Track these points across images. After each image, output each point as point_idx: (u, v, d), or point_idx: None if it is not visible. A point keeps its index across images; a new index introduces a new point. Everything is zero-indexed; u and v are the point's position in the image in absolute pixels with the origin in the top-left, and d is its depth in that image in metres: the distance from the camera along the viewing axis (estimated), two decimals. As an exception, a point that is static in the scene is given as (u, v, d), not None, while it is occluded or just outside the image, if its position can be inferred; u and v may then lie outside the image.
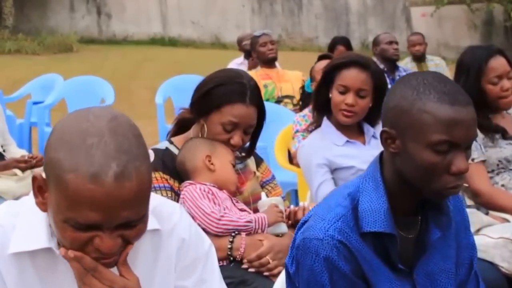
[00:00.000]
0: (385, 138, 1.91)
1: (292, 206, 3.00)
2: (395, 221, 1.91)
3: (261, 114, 3.01)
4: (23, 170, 4.51)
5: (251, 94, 2.94)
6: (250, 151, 3.14)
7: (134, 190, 1.52)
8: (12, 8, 17.50)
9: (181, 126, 3.12)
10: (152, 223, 1.73)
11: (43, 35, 16.80)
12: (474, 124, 1.86)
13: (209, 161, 2.87)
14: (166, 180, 2.86)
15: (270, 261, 2.75)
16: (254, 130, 3.05)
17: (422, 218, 2.00)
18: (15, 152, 4.79)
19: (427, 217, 1.99)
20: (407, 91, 1.87)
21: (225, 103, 2.90)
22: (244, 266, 2.74)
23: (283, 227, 2.87)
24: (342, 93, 3.38)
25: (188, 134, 3.04)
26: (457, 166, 1.83)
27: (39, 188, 1.61)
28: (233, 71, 3.15)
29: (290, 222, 2.95)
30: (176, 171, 2.90)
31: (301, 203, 3.05)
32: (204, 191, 2.79)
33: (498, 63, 3.53)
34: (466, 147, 1.86)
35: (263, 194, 2.99)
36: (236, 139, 2.91)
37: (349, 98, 3.38)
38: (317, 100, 3.54)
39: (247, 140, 3.00)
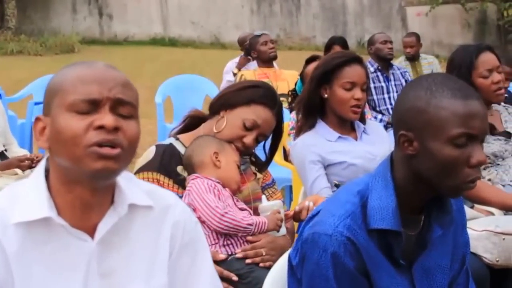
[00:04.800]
0: (402, 142, 1.92)
1: (297, 207, 3.01)
2: (401, 219, 1.94)
3: (277, 133, 3.13)
4: (24, 169, 4.50)
5: (279, 108, 3.04)
6: (265, 166, 3.21)
7: (122, 75, 1.76)
8: (15, 9, 17.44)
9: (188, 125, 3.15)
10: (145, 200, 1.82)
11: (45, 36, 16.75)
12: (487, 116, 1.91)
13: (216, 157, 2.89)
14: (158, 181, 2.88)
15: (264, 253, 2.79)
16: (271, 146, 3.16)
17: (425, 216, 2.03)
18: (17, 151, 4.80)
19: (430, 216, 2.03)
20: (420, 92, 1.90)
21: (255, 102, 2.98)
22: (239, 255, 2.78)
23: (281, 230, 2.92)
24: (349, 89, 3.41)
25: (197, 132, 3.06)
26: (477, 157, 1.86)
27: (41, 130, 1.73)
28: (271, 86, 3.27)
29: (291, 222, 3.01)
30: (173, 171, 2.93)
31: (306, 202, 3.04)
32: (211, 186, 2.81)
33: (487, 57, 3.61)
34: (481, 140, 1.89)
35: (263, 198, 3.02)
36: (249, 138, 2.96)
37: (358, 93, 3.41)
38: (311, 102, 3.52)
39: (255, 147, 3.05)
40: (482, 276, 3.09)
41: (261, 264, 2.77)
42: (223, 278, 2.68)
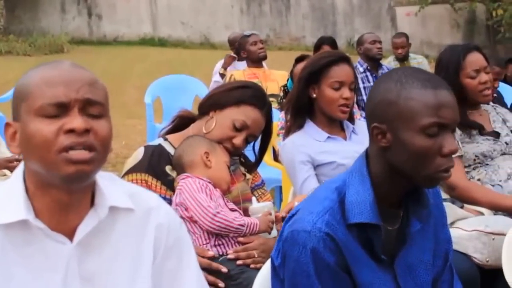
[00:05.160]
0: (375, 134, 1.94)
1: (284, 211, 3.01)
2: (380, 214, 1.94)
3: (267, 134, 3.13)
4: (12, 170, 4.24)
5: (268, 108, 3.05)
6: (255, 166, 3.21)
7: (89, 74, 1.72)
8: (3, 9, 17.34)
9: (177, 125, 3.14)
10: (126, 202, 1.80)
11: (34, 36, 16.66)
12: (457, 106, 1.92)
13: (207, 157, 2.89)
14: (146, 182, 2.87)
15: (256, 255, 2.79)
16: (261, 146, 3.16)
17: (403, 210, 2.04)
18: (5, 152, 4.75)
19: (408, 210, 2.04)
20: (391, 84, 1.92)
21: (245, 102, 2.98)
22: (230, 256, 2.78)
23: (273, 232, 2.92)
24: (337, 89, 3.41)
25: (186, 132, 3.06)
26: (449, 147, 1.88)
27: (12, 135, 1.70)
28: (261, 86, 3.27)
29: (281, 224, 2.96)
30: (162, 171, 2.93)
31: (296, 203, 2.98)
32: (203, 185, 2.81)
33: (475, 58, 3.60)
34: (452, 129, 1.91)
35: (254, 200, 3.02)
36: (239, 139, 2.96)
37: (346, 92, 3.42)
38: (299, 102, 3.53)
39: (244, 148, 3.05)
40: (472, 276, 3.10)
41: (252, 266, 2.78)
42: (212, 272, 2.72)
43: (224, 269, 2.74)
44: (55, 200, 1.70)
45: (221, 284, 2.72)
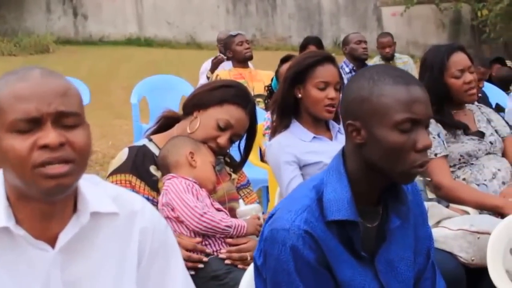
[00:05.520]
0: (350, 131, 1.96)
1: (262, 216, 3.01)
2: (358, 211, 1.96)
3: (251, 132, 3.13)
4: None
5: (251, 107, 3.06)
6: (240, 165, 3.23)
7: (60, 83, 1.66)
8: (-12, 9, 17.44)
9: (162, 125, 3.15)
10: (110, 207, 1.78)
11: (19, 36, 16.51)
12: (429, 102, 1.94)
13: (192, 157, 2.90)
14: (130, 182, 2.87)
15: (249, 257, 2.78)
16: (246, 145, 3.16)
17: (383, 208, 2.05)
18: None
19: (387, 207, 2.05)
20: (363, 82, 1.94)
21: (228, 101, 2.99)
22: (222, 255, 2.79)
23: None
24: (322, 89, 3.42)
25: (171, 132, 3.06)
26: (422, 142, 1.89)
27: None
28: (243, 85, 3.28)
29: None
30: (146, 171, 2.93)
31: None
32: (189, 186, 2.82)
33: (459, 58, 3.62)
34: (426, 125, 1.93)
35: (241, 202, 3.03)
36: (223, 139, 2.97)
37: (331, 92, 3.42)
38: (285, 102, 3.53)
39: (229, 147, 3.06)
40: (458, 275, 3.11)
41: (240, 266, 2.78)
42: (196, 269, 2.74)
43: (208, 250, 2.76)
44: (36, 210, 1.68)
45: (205, 258, 2.75)
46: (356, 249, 1.99)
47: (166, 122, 3.15)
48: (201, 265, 2.74)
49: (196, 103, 3.05)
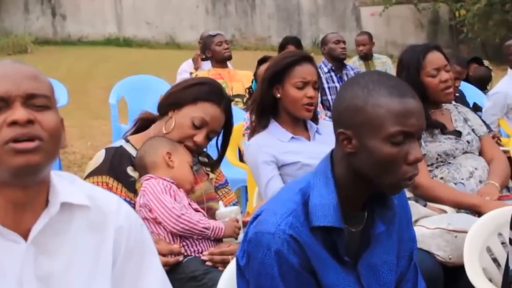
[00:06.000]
0: (341, 139, 1.93)
1: (241, 218, 3.03)
2: (343, 216, 1.95)
3: (227, 129, 3.13)
4: None
5: (226, 102, 3.05)
6: (218, 162, 3.22)
7: (30, 68, 1.72)
8: (-35, 9, 17.32)
9: (140, 127, 3.14)
10: (81, 199, 1.78)
11: (-3, 37, 16.64)
12: (423, 113, 1.92)
13: (169, 157, 2.89)
14: (107, 184, 2.86)
15: (230, 260, 2.68)
16: (222, 141, 3.16)
17: (368, 212, 2.05)
18: None
19: (373, 212, 2.04)
20: (358, 91, 1.91)
21: (202, 99, 2.98)
22: (204, 257, 2.78)
23: (239, 238, 2.91)
24: (301, 88, 3.43)
25: (147, 133, 3.06)
26: (414, 155, 1.88)
27: None
28: (216, 81, 3.28)
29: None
30: (124, 172, 2.92)
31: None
32: (166, 186, 2.81)
33: (435, 57, 3.65)
34: (418, 136, 1.91)
35: (221, 204, 3.03)
36: (200, 137, 2.96)
37: (310, 91, 3.43)
38: (263, 102, 3.54)
39: (206, 145, 3.06)
40: (436, 274, 3.13)
41: (220, 268, 2.75)
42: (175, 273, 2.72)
43: (184, 252, 2.77)
44: (9, 200, 1.68)
45: (181, 258, 2.74)
46: (340, 254, 1.99)
47: (143, 124, 3.14)
48: (180, 258, 2.75)
49: (170, 103, 3.04)
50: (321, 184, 1.98)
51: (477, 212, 3.37)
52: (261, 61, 5.68)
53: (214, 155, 3.24)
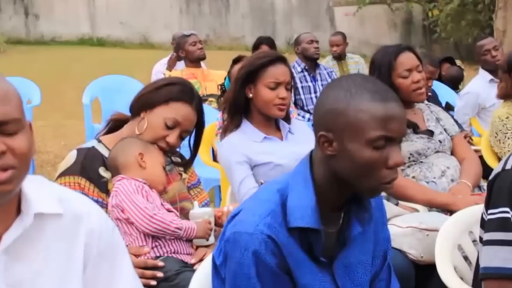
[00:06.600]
0: (322, 142, 1.93)
1: (215, 210, 3.07)
2: (321, 217, 1.95)
3: (199, 128, 3.12)
4: None
5: (198, 101, 3.04)
6: (190, 162, 3.21)
7: None
8: None
9: (112, 127, 3.13)
10: (54, 207, 1.76)
11: (-32, 37, 16.51)
12: (405, 118, 1.93)
13: (141, 158, 2.89)
14: (79, 184, 2.85)
15: None
16: (194, 143, 3.15)
17: (345, 213, 2.05)
18: None
19: (349, 213, 2.04)
20: (340, 93, 1.90)
21: (174, 99, 2.97)
22: (193, 261, 2.80)
23: (210, 239, 2.93)
24: (273, 89, 3.43)
25: (120, 133, 3.05)
26: (394, 159, 1.87)
27: None
28: (187, 80, 3.27)
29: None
30: (96, 173, 2.91)
31: (225, 208, 3.13)
32: (139, 187, 2.81)
33: (406, 57, 3.65)
34: (399, 141, 1.91)
35: (195, 204, 3.02)
36: (173, 137, 2.96)
37: (282, 92, 3.44)
38: (236, 102, 3.54)
39: (179, 145, 3.05)
40: (407, 272, 3.15)
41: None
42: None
43: (161, 263, 2.74)
44: None
45: (153, 282, 2.71)
46: (316, 255, 1.99)
47: (116, 124, 3.13)
48: (154, 282, 2.72)
49: (142, 104, 3.03)
50: (300, 185, 1.98)
51: (448, 210, 3.39)
52: (236, 61, 5.67)
53: (187, 155, 3.24)
